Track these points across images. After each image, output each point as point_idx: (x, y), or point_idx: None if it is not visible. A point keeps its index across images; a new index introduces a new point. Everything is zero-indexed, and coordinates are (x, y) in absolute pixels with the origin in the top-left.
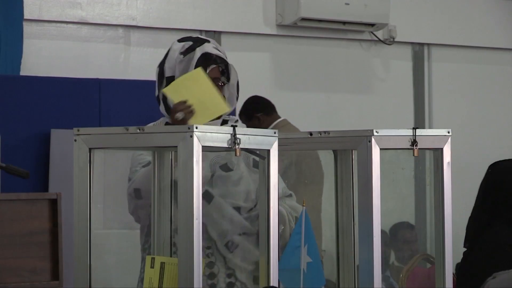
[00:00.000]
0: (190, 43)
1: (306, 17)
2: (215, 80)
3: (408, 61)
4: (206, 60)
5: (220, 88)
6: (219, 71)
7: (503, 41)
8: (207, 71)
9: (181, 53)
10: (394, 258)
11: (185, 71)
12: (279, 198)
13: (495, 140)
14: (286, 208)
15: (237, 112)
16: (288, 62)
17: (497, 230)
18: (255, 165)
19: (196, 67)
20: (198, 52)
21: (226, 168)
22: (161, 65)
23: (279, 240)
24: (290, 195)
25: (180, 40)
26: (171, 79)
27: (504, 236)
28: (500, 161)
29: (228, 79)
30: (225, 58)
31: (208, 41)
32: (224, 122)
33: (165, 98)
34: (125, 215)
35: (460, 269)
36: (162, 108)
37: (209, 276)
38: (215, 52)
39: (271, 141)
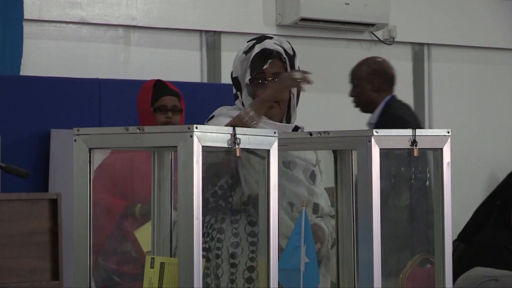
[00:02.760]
0: (254, 41)
1: (306, 17)
2: (275, 75)
3: (408, 61)
4: (264, 56)
5: None
6: (283, 66)
7: (503, 41)
8: (265, 66)
9: (244, 52)
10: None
11: (245, 69)
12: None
13: (495, 140)
14: (329, 228)
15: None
16: None
17: (493, 231)
18: (312, 178)
19: (253, 63)
20: (257, 48)
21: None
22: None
23: (279, 240)
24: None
25: (248, 41)
26: (235, 79)
27: (499, 238)
28: None
29: None
30: (289, 53)
31: (271, 38)
32: (296, 129)
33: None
34: None
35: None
36: (245, 96)
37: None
38: (274, 47)
39: (271, 141)
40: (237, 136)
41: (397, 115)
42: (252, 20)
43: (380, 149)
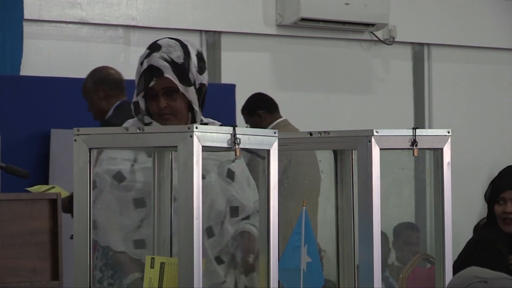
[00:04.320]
0: (148, 51)
1: (306, 17)
2: (164, 89)
3: (408, 61)
4: (150, 74)
5: (176, 97)
6: (173, 78)
7: (503, 41)
8: (151, 84)
9: (140, 62)
10: (394, 258)
11: (137, 83)
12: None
13: (495, 140)
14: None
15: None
16: (288, 62)
17: (484, 230)
18: (230, 175)
19: (140, 79)
20: (145, 63)
21: None
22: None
23: (279, 240)
24: None
25: (147, 46)
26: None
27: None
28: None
29: (189, 83)
30: (178, 62)
31: (159, 48)
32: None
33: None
34: None
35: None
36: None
37: None
38: (160, 64)
39: (271, 141)
40: (237, 136)
41: (109, 122)
42: (252, 20)
43: (380, 149)
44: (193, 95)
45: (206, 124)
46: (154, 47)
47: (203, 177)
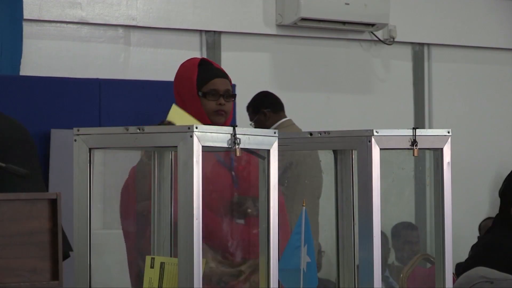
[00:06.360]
0: None
1: (306, 17)
2: None
3: (408, 61)
4: None
5: None
6: None
7: (503, 41)
8: None
9: None
10: (394, 258)
11: None
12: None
13: (495, 140)
14: None
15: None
16: (288, 62)
17: (495, 231)
18: None
19: None
20: None
21: None
22: None
23: (279, 240)
24: None
25: None
26: None
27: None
28: None
29: None
30: None
31: None
32: None
33: None
34: None
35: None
36: None
37: None
38: None
39: (271, 141)
40: (237, 136)
41: None
42: (252, 20)
43: (380, 149)
44: None
45: None
46: None
47: None
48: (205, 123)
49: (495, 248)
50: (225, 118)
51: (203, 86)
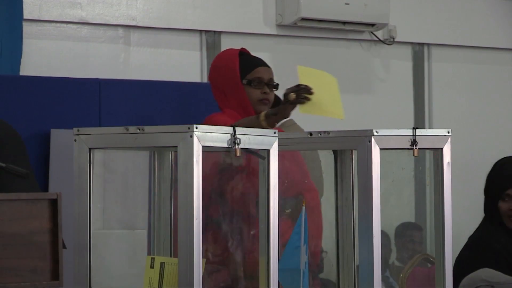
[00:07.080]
0: None
1: (306, 17)
2: None
3: (408, 61)
4: None
5: None
6: None
7: (503, 41)
8: None
9: None
10: (394, 258)
11: None
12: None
13: (495, 140)
14: None
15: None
16: (288, 62)
17: (484, 229)
18: None
19: None
20: None
21: None
22: None
23: (279, 240)
24: None
25: None
26: None
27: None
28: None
29: None
30: None
31: None
32: None
33: None
34: (125, 215)
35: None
36: None
37: None
38: None
39: (271, 141)
40: (237, 136)
41: None
42: (252, 20)
43: (380, 149)
44: None
45: None
46: None
47: None
48: (248, 112)
49: (481, 244)
50: (269, 108)
51: (247, 74)
